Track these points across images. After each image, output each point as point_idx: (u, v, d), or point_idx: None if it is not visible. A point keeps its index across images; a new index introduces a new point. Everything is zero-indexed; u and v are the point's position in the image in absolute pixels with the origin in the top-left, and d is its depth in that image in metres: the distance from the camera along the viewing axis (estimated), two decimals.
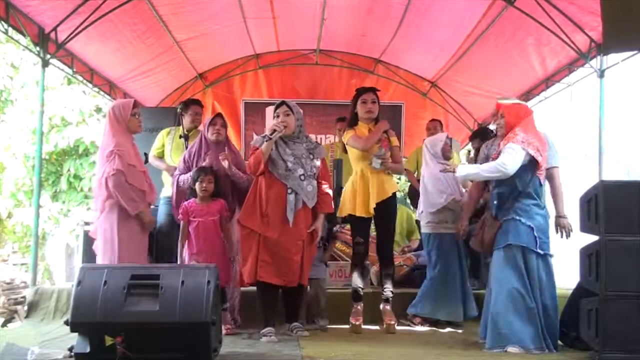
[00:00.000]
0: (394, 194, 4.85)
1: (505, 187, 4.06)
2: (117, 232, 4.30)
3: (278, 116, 4.46)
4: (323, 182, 4.56)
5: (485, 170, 4.09)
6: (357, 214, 4.74)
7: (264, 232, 4.34)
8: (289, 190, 4.36)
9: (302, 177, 4.39)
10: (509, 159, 3.93)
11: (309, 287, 4.79)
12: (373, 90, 4.93)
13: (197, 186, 4.54)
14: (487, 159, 4.79)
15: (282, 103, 4.54)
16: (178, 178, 4.87)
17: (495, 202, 4.11)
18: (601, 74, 6.30)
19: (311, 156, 4.48)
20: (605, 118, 6.31)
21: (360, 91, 4.93)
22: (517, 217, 3.99)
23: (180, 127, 5.66)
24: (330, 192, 4.63)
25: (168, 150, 5.70)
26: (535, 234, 3.96)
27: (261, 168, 4.36)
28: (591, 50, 6.24)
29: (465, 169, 4.33)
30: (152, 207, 5.68)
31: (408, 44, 8.21)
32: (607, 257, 3.54)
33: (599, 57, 6.27)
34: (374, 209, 4.70)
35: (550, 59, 7.06)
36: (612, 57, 6.23)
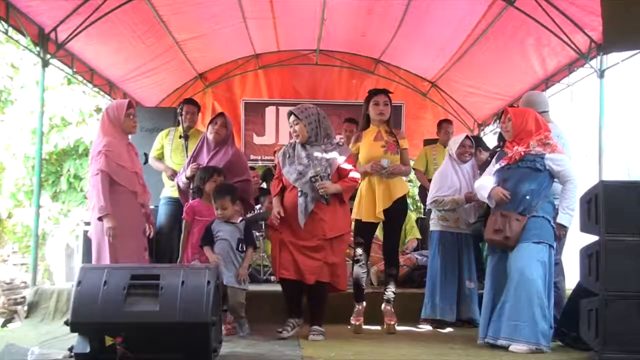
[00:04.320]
0: (403, 195, 4.84)
1: (536, 184, 4.05)
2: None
3: (291, 126, 4.48)
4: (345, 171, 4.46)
5: (574, 197, 4.06)
6: (364, 220, 4.73)
7: (284, 232, 4.40)
8: (299, 193, 4.35)
9: (314, 179, 4.33)
10: (574, 172, 4.07)
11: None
12: (385, 92, 4.89)
13: (207, 186, 4.52)
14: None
15: (290, 114, 4.49)
16: (177, 180, 4.89)
17: (527, 197, 4.05)
18: (601, 74, 6.30)
19: (327, 157, 4.41)
20: (605, 118, 6.30)
21: (372, 92, 4.89)
22: (547, 217, 4.03)
23: (180, 128, 5.67)
24: (356, 176, 4.51)
25: (168, 152, 5.70)
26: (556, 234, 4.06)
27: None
28: (591, 50, 6.24)
29: (568, 217, 4.09)
30: (152, 207, 5.69)
31: (408, 44, 8.21)
32: (607, 257, 3.54)
33: (599, 57, 6.27)
34: (383, 213, 4.69)
35: (550, 59, 7.06)
36: (612, 57, 6.22)
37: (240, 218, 4.47)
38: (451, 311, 4.98)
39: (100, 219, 4.23)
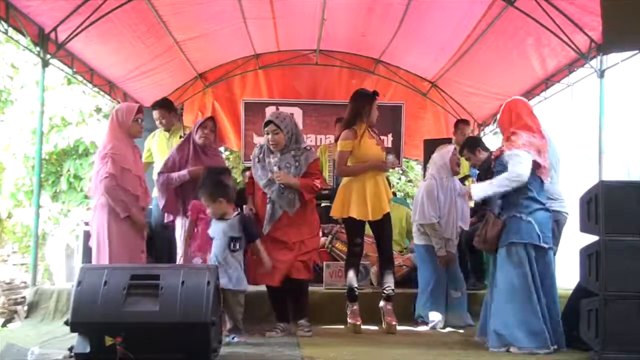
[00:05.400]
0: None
1: None
2: (107, 232, 4.37)
3: (268, 134, 4.46)
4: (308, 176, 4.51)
5: (499, 185, 4.01)
6: (371, 219, 4.69)
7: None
8: (268, 200, 4.41)
9: (283, 186, 4.40)
10: (520, 167, 3.92)
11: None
12: None
13: None
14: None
15: (269, 122, 4.48)
16: (169, 177, 4.80)
17: (499, 200, 4.08)
18: (601, 74, 6.29)
19: (296, 164, 4.47)
20: (605, 118, 6.29)
21: (377, 95, 4.94)
22: (518, 214, 3.99)
23: (163, 129, 5.88)
24: (317, 183, 4.53)
25: (155, 151, 5.91)
26: (537, 229, 3.95)
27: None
28: (591, 50, 6.23)
29: (480, 191, 4.19)
30: (149, 207, 5.71)
31: (408, 44, 8.21)
32: (607, 257, 3.55)
33: (599, 57, 6.26)
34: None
35: (550, 59, 7.05)
36: (612, 57, 6.21)
37: (235, 213, 4.35)
38: (440, 321, 5.02)
39: (127, 217, 4.40)
